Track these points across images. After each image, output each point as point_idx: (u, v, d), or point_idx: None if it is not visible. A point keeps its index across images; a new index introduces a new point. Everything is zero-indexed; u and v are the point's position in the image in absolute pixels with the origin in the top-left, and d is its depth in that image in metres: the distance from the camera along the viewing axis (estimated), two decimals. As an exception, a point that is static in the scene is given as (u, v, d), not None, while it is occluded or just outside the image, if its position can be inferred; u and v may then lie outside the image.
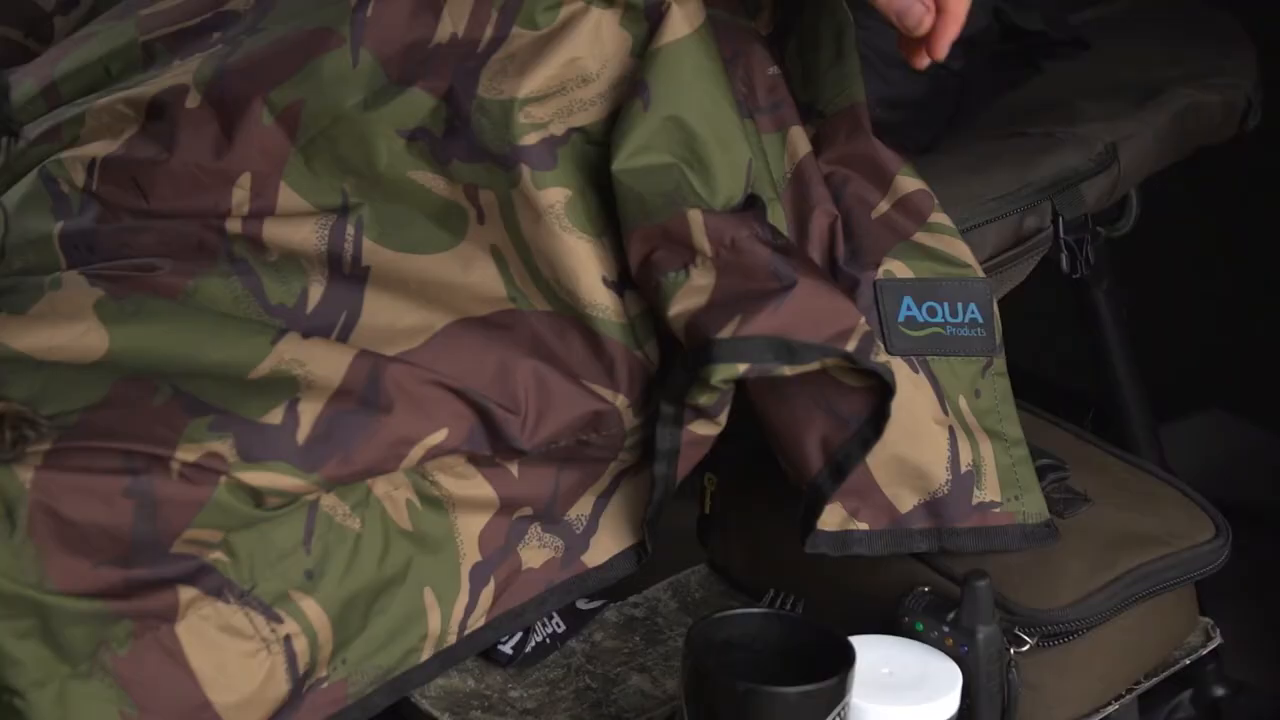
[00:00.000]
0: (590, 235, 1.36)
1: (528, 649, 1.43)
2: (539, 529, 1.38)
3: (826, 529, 1.37)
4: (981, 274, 1.42)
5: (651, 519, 1.40)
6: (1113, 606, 1.37)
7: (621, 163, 1.35)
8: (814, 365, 1.32)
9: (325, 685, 1.30)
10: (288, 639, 1.27)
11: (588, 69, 1.38)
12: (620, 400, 1.36)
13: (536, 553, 1.39)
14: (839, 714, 1.23)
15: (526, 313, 1.37)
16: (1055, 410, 1.51)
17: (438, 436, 1.31)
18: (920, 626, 1.32)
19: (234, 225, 1.38)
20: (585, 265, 1.36)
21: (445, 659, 1.36)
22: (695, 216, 1.35)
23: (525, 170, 1.35)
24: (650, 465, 1.37)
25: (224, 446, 1.24)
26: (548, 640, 1.44)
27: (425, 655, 1.34)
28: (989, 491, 1.39)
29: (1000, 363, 1.42)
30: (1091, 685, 1.39)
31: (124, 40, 1.50)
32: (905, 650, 1.31)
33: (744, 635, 1.27)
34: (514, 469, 1.36)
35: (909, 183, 1.44)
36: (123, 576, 1.22)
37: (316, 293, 1.36)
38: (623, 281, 1.37)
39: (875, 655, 1.29)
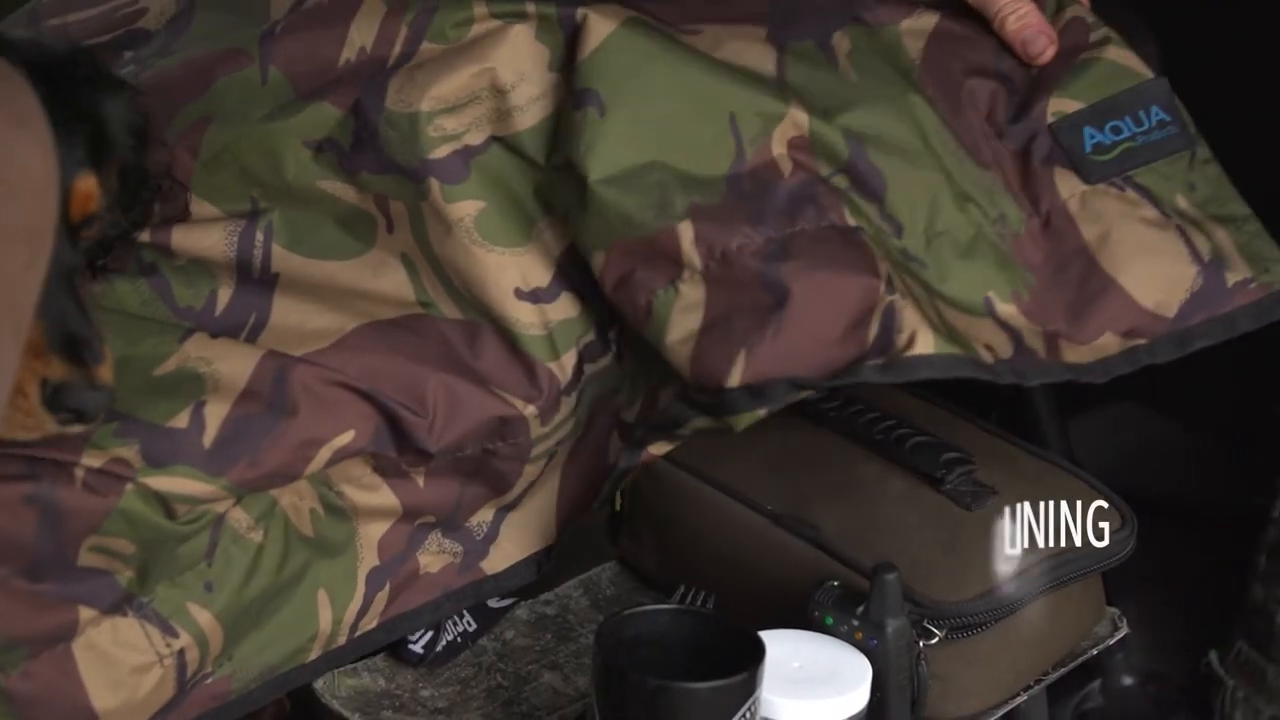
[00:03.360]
0: (502, 247, 1.36)
1: (438, 648, 1.43)
2: (439, 535, 1.39)
3: (1112, 352, 1.38)
4: (1151, 74, 1.43)
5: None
6: (1020, 598, 1.38)
7: (599, 175, 1.33)
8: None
9: (209, 681, 1.30)
10: (181, 652, 1.27)
11: (502, 79, 1.36)
12: (529, 410, 1.36)
13: (435, 558, 1.39)
14: (749, 709, 1.23)
15: (436, 318, 1.37)
16: (962, 403, 1.52)
17: (344, 438, 1.31)
18: (830, 620, 1.33)
19: (143, 234, 1.37)
20: (496, 278, 1.36)
21: (333, 658, 1.36)
22: (685, 229, 1.33)
23: (434, 184, 1.35)
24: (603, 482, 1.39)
25: (130, 452, 1.24)
26: (459, 639, 1.44)
27: (314, 655, 1.35)
28: (1239, 271, 1.39)
29: (1204, 150, 1.43)
30: (1000, 676, 1.40)
31: None
32: (815, 644, 1.31)
33: (654, 632, 1.28)
34: (420, 479, 1.36)
35: (1068, 11, 1.45)
36: (29, 591, 1.22)
37: (225, 295, 1.36)
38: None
39: (785, 650, 1.29)
